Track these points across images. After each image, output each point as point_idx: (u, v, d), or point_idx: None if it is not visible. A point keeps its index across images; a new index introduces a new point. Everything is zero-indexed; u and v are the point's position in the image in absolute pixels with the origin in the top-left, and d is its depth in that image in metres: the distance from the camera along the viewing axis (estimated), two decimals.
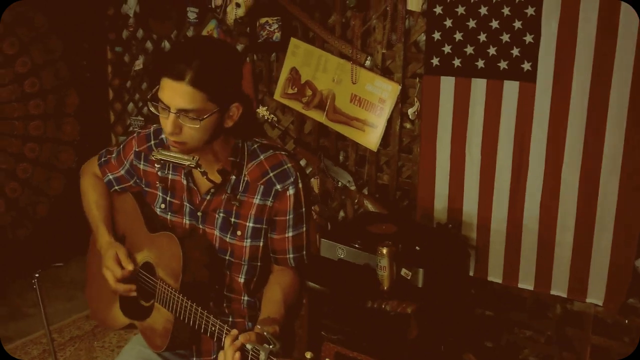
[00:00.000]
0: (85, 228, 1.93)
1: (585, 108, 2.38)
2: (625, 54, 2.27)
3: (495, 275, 2.64)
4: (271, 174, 1.62)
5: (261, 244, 1.65)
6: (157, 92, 1.52)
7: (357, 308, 2.31)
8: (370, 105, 2.86)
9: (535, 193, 2.52)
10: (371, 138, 2.89)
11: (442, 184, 2.73)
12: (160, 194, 1.74)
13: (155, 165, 1.69)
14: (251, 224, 1.63)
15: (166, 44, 3.60)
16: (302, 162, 3.17)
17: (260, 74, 3.23)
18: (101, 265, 1.74)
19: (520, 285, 2.59)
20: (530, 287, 2.57)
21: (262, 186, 1.62)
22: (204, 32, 3.31)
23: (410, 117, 2.79)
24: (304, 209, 1.66)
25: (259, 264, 1.68)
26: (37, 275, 2.18)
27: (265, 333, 1.40)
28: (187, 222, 1.69)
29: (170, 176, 1.71)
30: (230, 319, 1.69)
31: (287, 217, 1.64)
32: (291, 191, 1.62)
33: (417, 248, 2.35)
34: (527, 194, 2.54)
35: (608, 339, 2.42)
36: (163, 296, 1.61)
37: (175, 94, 1.47)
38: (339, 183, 2.96)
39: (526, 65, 2.48)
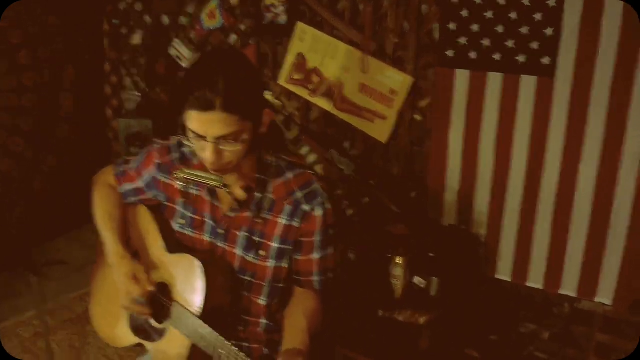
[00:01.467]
0: (78, 203, 1.82)
1: (606, 104, 2.30)
2: None
3: (504, 274, 2.63)
4: (299, 194, 1.56)
5: (286, 265, 1.60)
6: (184, 124, 1.44)
7: (368, 316, 2.31)
8: (380, 96, 2.77)
9: (549, 191, 2.47)
10: (381, 129, 2.81)
11: (454, 179, 2.68)
12: (181, 209, 1.67)
13: (178, 182, 1.60)
14: (276, 245, 1.57)
15: (165, 19, 3.43)
16: (305, 150, 3.10)
17: (265, 58, 3.10)
18: (108, 279, 1.68)
19: (529, 284, 2.59)
20: (540, 286, 2.56)
21: (288, 206, 1.56)
22: (206, 11, 3.16)
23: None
24: (331, 231, 1.61)
25: (281, 285, 1.63)
26: (35, 277, 2.15)
27: None
28: (207, 239, 1.63)
29: (192, 191, 1.64)
30: (246, 344, 1.65)
31: (314, 239, 1.58)
32: (319, 212, 1.56)
33: (431, 255, 2.32)
34: (540, 192, 2.50)
35: (614, 337, 2.44)
36: (179, 320, 1.56)
37: (209, 124, 1.39)
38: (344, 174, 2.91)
39: (545, 60, 2.38)
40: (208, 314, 1.52)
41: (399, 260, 2.25)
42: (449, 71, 2.58)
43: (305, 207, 1.56)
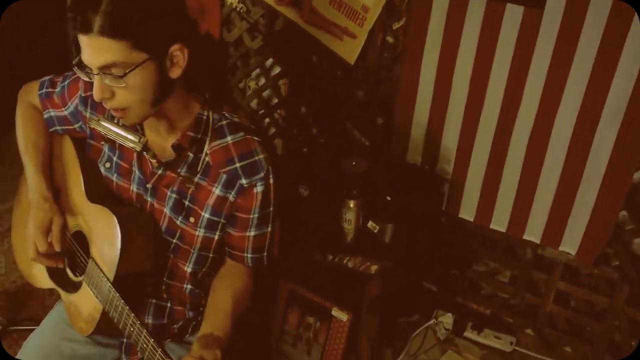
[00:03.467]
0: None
1: (595, 48, 2.04)
2: None
3: (467, 213, 2.50)
4: (237, 165, 1.38)
5: (216, 237, 1.45)
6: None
7: (316, 257, 2.19)
8: (351, 12, 2.47)
9: (523, 133, 2.28)
10: (349, 49, 2.53)
11: (422, 111, 2.46)
12: (107, 151, 1.49)
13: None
14: (207, 215, 1.41)
15: None
16: (269, 62, 2.84)
17: None
18: (27, 212, 1.51)
19: (492, 226, 2.46)
20: (503, 229, 2.44)
21: (224, 175, 1.38)
22: None
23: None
24: (271, 208, 1.45)
25: (210, 255, 1.49)
26: None
27: None
28: (135, 190, 1.47)
29: None
30: (169, 305, 1.55)
31: (251, 216, 1.42)
32: (259, 188, 1.39)
33: (388, 198, 2.16)
34: (514, 133, 2.30)
35: (574, 286, 2.37)
36: (93, 281, 1.43)
37: (90, 50, 1.18)
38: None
39: None
40: (122, 279, 1.38)
41: (352, 204, 2.09)
42: None
43: (244, 181, 1.38)
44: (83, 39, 1.17)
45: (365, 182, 2.19)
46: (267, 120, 2.95)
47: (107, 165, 1.50)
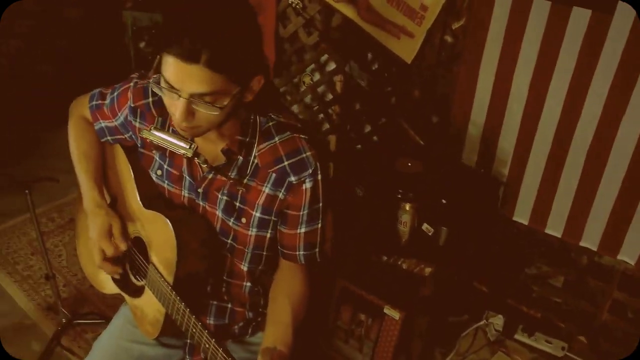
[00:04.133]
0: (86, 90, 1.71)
1: None
2: None
3: (521, 216, 2.48)
4: (286, 163, 1.40)
5: (268, 234, 1.48)
6: (159, 68, 1.24)
7: (371, 258, 2.21)
8: (409, 11, 2.45)
9: (585, 138, 2.23)
10: (407, 48, 2.52)
11: (480, 111, 2.44)
12: (157, 159, 1.53)
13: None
14: (258, 214, 1.44)
15: None
16: (324, 58, 2.84)
17: None
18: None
19: (547, 231, 2.44)
20: (558, 235, 2.41)
21: (273, 174, 1.40)
22: None
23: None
24: (320, 204, 1.46)
25: (264, 253, 1.52)
26: (27, 191, 2.10)
27: None
28: (186, 195, 1.50)
29: None
30: (230, 306, 1.59)
31: (301, 213, 1.45)
32: (308, 184, 1.41)
33: (444, 201, 2.16)
34: (575, 138, 2.26)
35: (631, 296, 2.32)
36: (155, 285, 1.48)
37: (188, 77, 1.18)
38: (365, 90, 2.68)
39: None
40: (181, 282, 1.43)
41: (407, 207, 2.10)
42: None
43: (292, 179, 1.40)
44: (182, 66, 1.18)
45: (421, 184, 2.20)
46: (321, 115, 2.96)
47: (159, 172, 1.53)
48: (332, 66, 2.83)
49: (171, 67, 1.19)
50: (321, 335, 2.46)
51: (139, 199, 1.54)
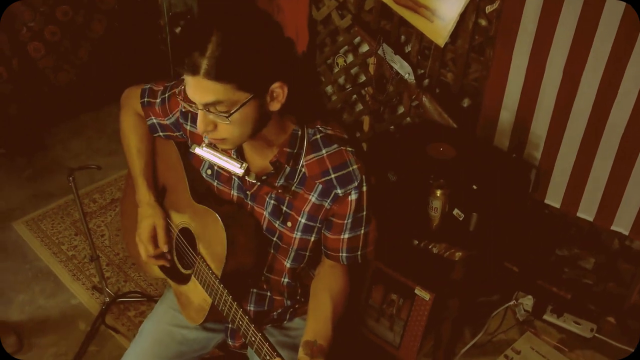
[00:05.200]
0: (124, 74, 1.80)
1: None
2: None
3: (553, 200, 2.49)
4: (333, 176, 1.45)
5: (312, 238, 1.55)
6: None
7: (402, 241, 2.27)
8: None
9: (619, 123, 2.22)
10: (439, 31, 2.52)
11: (513, 95, 2.43)
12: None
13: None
14: (304, 220, 1.51)
15: None
16: (357, 40, 2.86)
17: None
18: (136, 213, 1.69)
19: (579, 214, 2.44)
20: (590, 219, 2.42)
21: (320, 185, 1.46)
22: None
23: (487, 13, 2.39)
24: (364, 213, 1.52)
25: (307, 253, 1.60)
26: (71, 177, 2.20)
27: None
28: (235, 194, 1.58)
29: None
30: (269, 294, 1.67)
31: (345, 221, 1.51)
32: (353, 196, 1.47)
33: (475, 187, 2.19)
34: (608, 122, 2.25)
35: None
36: (202, 276, 1.57)
37: (195, 89, 1.27)
38: (397, 74, 2.69)
39: None
40: (229, 275, 1.51)
41: (438, 193, 2.14)
42: None
43: (339, 191, 1.45)
44: (188, 79, 1.26)
45: (453, 170, 2.23)
46: (354, 97, 3.00)
47: (209, 172, 1.60)
48: (365, 48, 2.85)
49: (186, 82, 1.28)
50: (354, 314, 2.54)
51: (189, 192, 1.61)
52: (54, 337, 2.47)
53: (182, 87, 1.46)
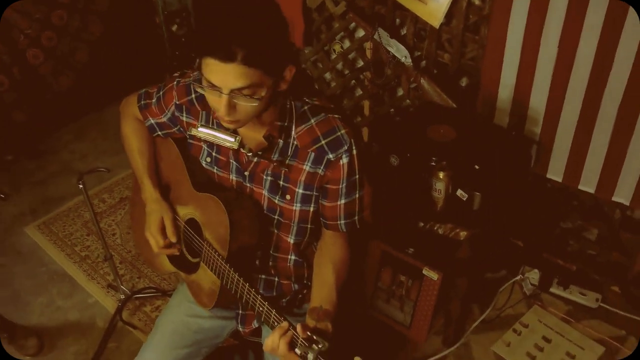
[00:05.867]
0: (124, 74, 1.88)
1: None
2: None
3: (555, 174, 2.52)
4: (323, 142, 1.53)
5: (312, 208, 1.62)
6: (199, 69, 1.39)
7: (408, 225, 2.30)
8: None
9: (615, 95, 2.24)
10: (433, 12, 2.54)
11: (510, 72, 2.46)
12: (206, 148, 1.68)
13: (199, 123, 1.61)
14: (301, 190, 1.58)
15: None
16: (353, 25, 2.87)
17: None
18: (144, 213, 1.76)
19: (580, 187, 2.48)
20: (592, 191, 2.45)
21: (313, 153, 1.54)
22: None
23: None
24: (357, 176, 1.59)
25: (309, 226, 1.66)
26: (81, 182, 2.25)
27: (314, 336, 1.40)
28: (234, 179, 1.65)
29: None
30: (277, 279, 1.73)
31: (340, 186, 1.58)
32: (345, 160, 1.54)
33: (477, 167, 2.22)
34: (605, 94, 2.27)
35: None
36: (209, 260, 1.64)
37: (227, 75, 1.33)
38: (394, 57, 2.71)
39: None
40: (234, 256, 1.58)
41: (441, 175, 2.17)
42: None
43: (330, 156, 1.52)
44: (220, 65, 1.31)
45: (454, 151, 2.25)
46: (353, 82, 3.02)
47: (208, 160, 1.67)
48: (361, 33, 2.87)
49: (211, 68, 1.33)
50: (363, 297, 2.58)
51: (191, 184, 1.70)
52: (73, 337, 2.53)
53: (195, 76, 1.59)
